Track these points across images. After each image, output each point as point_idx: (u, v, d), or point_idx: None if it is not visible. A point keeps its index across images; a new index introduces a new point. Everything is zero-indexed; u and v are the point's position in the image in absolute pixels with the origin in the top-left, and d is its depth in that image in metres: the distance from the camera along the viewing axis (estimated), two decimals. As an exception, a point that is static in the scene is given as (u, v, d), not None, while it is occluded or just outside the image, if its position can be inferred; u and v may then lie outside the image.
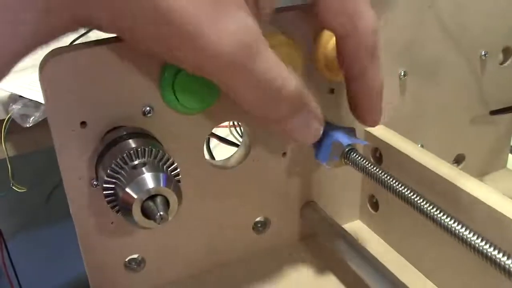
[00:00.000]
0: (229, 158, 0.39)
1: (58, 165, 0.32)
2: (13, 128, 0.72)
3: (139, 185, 0.27)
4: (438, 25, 0.41)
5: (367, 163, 0.33)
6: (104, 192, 0.29)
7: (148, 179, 0.27)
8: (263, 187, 0.39)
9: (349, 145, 0.34)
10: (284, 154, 0.39)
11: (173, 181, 0.28)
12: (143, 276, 0.38)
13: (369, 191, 0.43)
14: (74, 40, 0.68)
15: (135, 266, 0.37)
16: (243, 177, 0.38)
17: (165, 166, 0.29)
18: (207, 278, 0.40)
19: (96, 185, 0.33)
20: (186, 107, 0.33)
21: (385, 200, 0.41)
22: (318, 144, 0.36)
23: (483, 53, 0.44)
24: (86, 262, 0.36)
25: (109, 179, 0.28)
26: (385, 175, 0.32)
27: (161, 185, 0.27)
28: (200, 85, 0.33)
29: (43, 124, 0.71)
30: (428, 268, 0.38)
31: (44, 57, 0.30)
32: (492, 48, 0.44)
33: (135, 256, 0.37)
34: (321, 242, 0.42)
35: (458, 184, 0.33)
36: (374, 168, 0.33)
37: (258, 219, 0.41)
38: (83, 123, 0.32)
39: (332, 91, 0.39)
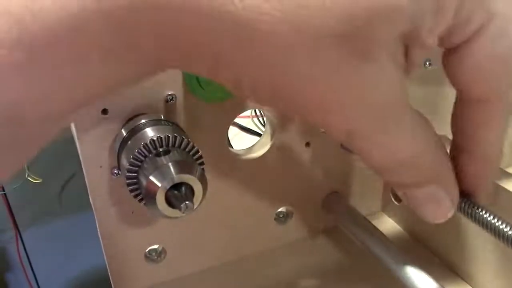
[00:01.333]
0: (251, 147, 0.38)
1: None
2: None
3: (163, 174, 0.27)
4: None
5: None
6: (127, 181, 0.28)
7: (172, 167, 0.27)
8: (286, 177, 0.39)
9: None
10: (308, 144, 0.38)
11: (198, 169, 0.27)
12: (163, 267, 0.37)
13: (393, 182, 0.42)
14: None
15: (155, 257, 0.37)
16: (266, 167, 0.37)
17: (189, 154, 0.29)
18: (227, 269, 0.39)
19: (117, 174, 0.33)
20: (211, 95, 0.33)
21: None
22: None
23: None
24: (105, 251, 0.35)
25: (131, 167, 0.28)
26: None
27: (186, 173, 0.27)
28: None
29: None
30: (455, 261, 0.37)
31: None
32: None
33: (156, 246, 0.37)
34: (344, 233, 0.41)
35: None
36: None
37: (280, 209, 0.40)
38: (104, 111, 0.31)
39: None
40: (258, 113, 0.48)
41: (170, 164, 0.27)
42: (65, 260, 1.20)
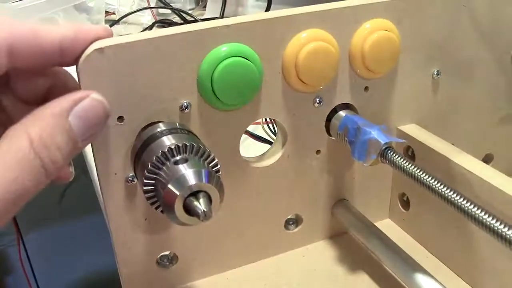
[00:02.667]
0: (263, 155, 0.39)
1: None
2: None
3: (181, 182, 0.27)
4: (472, 25, 0.40)
5: (405, 161, 0.33)
6: (144, 188, 0.28)
7: (190, 175, 0.27)
8: (296, 184, 0.39)
9: (386, 143, 0.34)
10: (318, 151, 0.39)
11: (215, 177, 0.28)
12: (174, 273, 0.38)
13: (400, 189, 0.42)
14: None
15: (167, 263, 0.37)
16: (278, 174, 0.38)
17: (206, 162, 0.29)
18: (238, 275, 0.39)
19: (132, 181, 0.33)
20: (224, 103, 0.33)
21: (417, 198, 0.41)
22: (353, 142, 0.35)
23: (514, 52, 0.43)
24: (118, 257, 0.36)
25: (149, 174, 0.28)
26: (424, 174, 0.31)
27: (204, 181, 0.27)
28: (239, 81, 0.33)
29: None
30: (463, 268, 0.38)
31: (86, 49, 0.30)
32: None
33: (167, 252, 0.37)
34: (353, 240, 0.42)
35: (492, 182, 0.33)
36: (412, 167, 0.32)
37: (290, 216, 0.40)
38: (120, 118, 0.31)
39: (366, 88, 0.38)
40: (268, 120, 0.49)
41: (188, 172, 0.27)
42: (66, 264, 1.20)
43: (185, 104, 0.33)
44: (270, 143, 0.51)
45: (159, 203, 0.28)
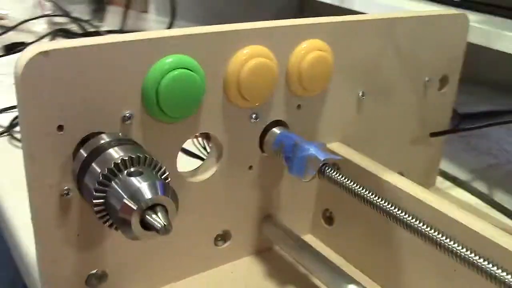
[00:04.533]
0: (196, 169, 0.38)
1: None
2: None
3: (137, 196, 0.26)
4: (394, 50, 0.43)
5: (344, 178, 0.34)
6: (94, 201, 0.27)
7: (145, 189, 0.26)
8: (227, 199, 0.39)
9: (325, 159, 0.35)
10: (251, 167, 0.39)
11: (170, 189, 0.27)
12: (102, 292, 0.36)
13: (324, 205, 0.44)
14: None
15: (95, 282, 0.35)
16: (211, 189, 0.38)
17: (158, 174, 0.28)
18: (166, 293, 0.38)
19: (67, 194, 0.31)
20: (167, 115, 0.32)
21: (342, 214, 0.42)
22: (290, 158, 0.36)
23: (426, 79, 0.47)
24: (43, 275, 0.33)
25: (101, 187, 0.27)
26: (365, 190, 0.33)
27: (160, 193, 0.26)
28: (184, 93, 0.32)
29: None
30: (387, 281, 0.40)
31: (23, 53, 0.28)
32: (433, 75, 0.48)
33: (96, 271, 0.35)
34: (279, 255, 0.42)
35: (420, 197, 0.36)
36: (352, 183, 0.34)
37: (219, 232, 0.40)
38: (60, 127, 0.30)
39: (299, 106, 0.39)
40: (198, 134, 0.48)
41: (143, 185, 0.26)
42: None
43: (128, 115, 0.32)
44: (198, 157, 0.50)
45: (111, 218, 0.27)
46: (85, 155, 0.29)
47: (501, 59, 0.64)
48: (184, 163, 0.38)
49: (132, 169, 0.27)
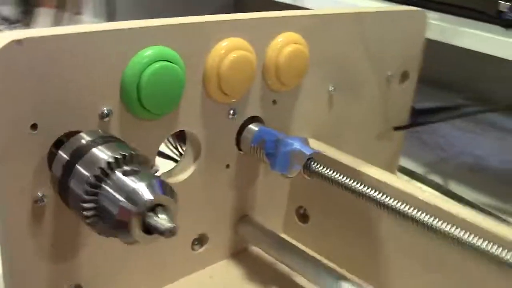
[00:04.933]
0: (171, 170, 0.36)
1: None
2: None
3: (136, 196, 0.24)
4: (362, 45, 0.43)
5: (332, 172, 0.33)
6: (85, 205, 0.24)
7: (144, 188, 0.24)
8: (205, 201, 0.37)
9: (311, 154, 0.34)
10: (228, 166, 0.38)
11: (168, 187, 0.25)
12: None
13: (297, 202, 0.43)
14: None
15: (69, 296, 0.32)
16: (189, 191, 0.36)
17: (152, 171, 0.26)
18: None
19: (41, 201, 0.28)
20: (148, 111, 0.30)
21: (318, 210, 0.42)
22: (272, 154, 0.35)
23: (389, 73, 0.47)
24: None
25: (92, 189, 0.24)
26: (352, 181, 0.32)
27: (160, 193, 0.24)
28: (166, 87, 0.30)
29: None
30: (369, 273, 0.39)
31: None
32: (395, 70, 0.48)
33: (72, 283, 0.32)
34: (257, 256, 0.41)
35: (401, 187, 0.35)
36: (340, 176, 0.33)
37: (196, 236, 0.38)
38: (33, 126, 0.27)
39: (274, 101, 0.38)
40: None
41: (140, 185, 0.24)
42: None
43: (106, 111, 0.29)
44: (168, 157, 0.47)
45: (105, 223, 0.24)
46: (66, 157, 0.26)
47: (442, 58, 0.66)
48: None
49: (126, 168, 0.25)
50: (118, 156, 0.25)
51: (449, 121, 0.67)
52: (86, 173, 0.25)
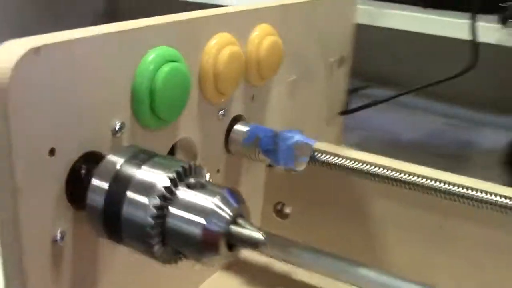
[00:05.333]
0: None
1: None
2: None
3: (216, 215, 0.21)
4: (313, 34, 0.43)
5: (336, 158, 0.33)
6: (151, 232, 0.21)
7: (221, 203, 0.21)
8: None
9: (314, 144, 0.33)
10: (218, 170, 0.35)
11: (238, 194, 0.22)
12: None
13: (275, 198, 0.42)
14: None
15: None
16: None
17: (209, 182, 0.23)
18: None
19: (62, 238, 0.24)
20: (160, 119, 0.27)
21: (299, 204, 0.41)
22: (272, 150, 0.34)
23: (332, 60, 0.48)
24: None
25: (159, 212, 0.21)
26: (358, 164, 0.32)
27: (235, 205, 0.22)
28: (177, 90, 0.28)
29: None
30: (364, 256, 0.39)
31: (5, 49, 0.21)
32: (335, 56, 0.49)
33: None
34: (248, 262, 0.39)
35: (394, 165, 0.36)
36: (345, 161, 0.33)
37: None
38: (51, 151, 0.23)
39: (253, 97, 0.37)
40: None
41: (216, 200, 0.21)
42: None
43: (118, 126, 0.26)
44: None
45: (181, 250, 0.21)
46: (106, 184, 0.22)
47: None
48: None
49: (192, 180, 0.22)
50: (179, 170, 0.22)
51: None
52: (144, 197, 0.21)
